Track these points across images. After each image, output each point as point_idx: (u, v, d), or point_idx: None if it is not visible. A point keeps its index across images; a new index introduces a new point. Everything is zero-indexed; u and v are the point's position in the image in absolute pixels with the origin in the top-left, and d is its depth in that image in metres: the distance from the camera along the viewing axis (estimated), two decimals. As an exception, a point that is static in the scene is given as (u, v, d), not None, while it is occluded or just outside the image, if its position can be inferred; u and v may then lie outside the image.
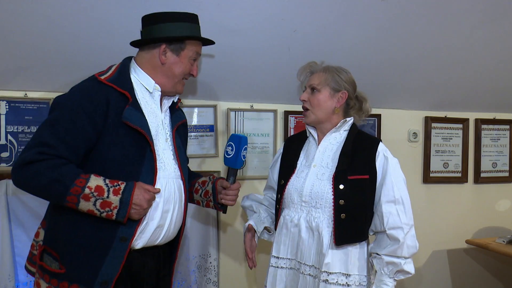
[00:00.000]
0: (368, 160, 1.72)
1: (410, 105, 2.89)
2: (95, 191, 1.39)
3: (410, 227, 1.69)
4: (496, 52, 2.49)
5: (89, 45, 2.00)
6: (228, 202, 1.75)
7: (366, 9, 2.08)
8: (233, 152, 1.71)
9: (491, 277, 3.18)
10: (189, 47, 1.64)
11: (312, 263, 1.71)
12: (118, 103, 1.50)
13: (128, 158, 1.50)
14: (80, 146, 1.44)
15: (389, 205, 1.68)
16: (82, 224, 1.47)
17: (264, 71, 2.35)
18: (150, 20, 1.64)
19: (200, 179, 1.86)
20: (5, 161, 2.15)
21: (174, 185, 1.62)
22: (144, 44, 1.65)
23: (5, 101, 2.15)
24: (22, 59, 2.02)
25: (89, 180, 1.40)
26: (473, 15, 2.21)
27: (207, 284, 2.51)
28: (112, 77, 1.55)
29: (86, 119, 1.44)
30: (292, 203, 1.78)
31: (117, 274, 1.47)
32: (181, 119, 1.78)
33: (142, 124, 1.52)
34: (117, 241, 1.46)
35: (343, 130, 1.81)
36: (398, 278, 1.69)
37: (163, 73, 1.63)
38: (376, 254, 1.71)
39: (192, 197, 1.86)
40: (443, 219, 3.02)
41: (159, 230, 1.58)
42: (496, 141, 3.14)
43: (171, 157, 1.65)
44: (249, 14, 2.01)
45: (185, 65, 1.65)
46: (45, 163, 1.38)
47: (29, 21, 1.85)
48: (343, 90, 1.78)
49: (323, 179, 1.72)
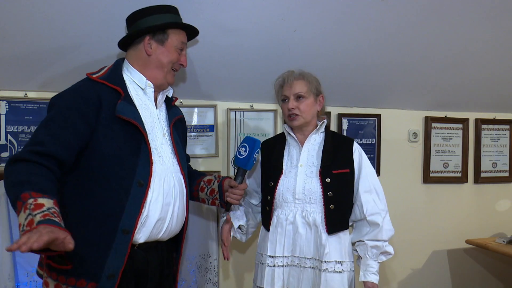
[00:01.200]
0: (347, 156, 1.92)
1: (410, 105, 2.89)
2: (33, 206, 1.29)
3: (385, 212, 1.90)
4: (496, 52, 2.49)
5: (89, 45, 2.00)
6: (233, 201, 1.79)
7: (366, 9, 2.08)
8: (246, 153, 1.77)
9: (491, 277, 3.18)
10: (172, 36, 1.69)
11: (311, 256, 1.84)
12: (110, 99, 1.54)
13: (124, 151, 1.52)
14: (71, 141, 1.46)
15: (366, 195, 1.89)
16: (85, 220, 1.49)
17: (264, 71, 2.35)
18: (132, 18, 1.70)
19: (206, 177, 1.89)
20: (5, 161, 2.14)
21: (173, 179, 1.64)
22: (130, 42, 1.70)
23: (5, 101, 2.15)
24: (22, 59, 2.02)
25: (37, 199, 1.29)
26: (473, 15, 2.20)
27: (207, 284, 2.51)
28: (104, 75, 1.61)
29: (78, 115, 1.47)
30: (285, 202, 1.88)
31: (123, 266, 1.49)
32: (177, 114, 1.81)
33: (135, 116, 1.56)
34: (120, 234, 1.48)
35: (320, 132, 1.97)
36: (381, 260, 1.87)
37: (152, 64, 1.67)
38: (359, 241, 1.88)
39: (198, 196, 1.88)
40: (443, 219, 3.02)
41: (161, 224, 1.59)
42: (496, 141, 3.14)
43: (169, 151, 1.68)
44: (249, 14, 2.01)
45: (172, 54, 1.69)
46: (26, 166, 1.35)
47: (29, 21, 1.85)
48: (321, 94, 1.97)
49: (312, 176, 1.87)
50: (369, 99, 2.76)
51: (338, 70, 2.44)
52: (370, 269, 1.84)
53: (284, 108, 1.93)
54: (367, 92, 2.70)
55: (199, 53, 2.17)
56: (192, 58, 2.20)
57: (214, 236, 2.52)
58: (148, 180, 1.53)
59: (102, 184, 1.50)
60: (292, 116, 1.90)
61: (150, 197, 1.54)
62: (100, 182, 1.50)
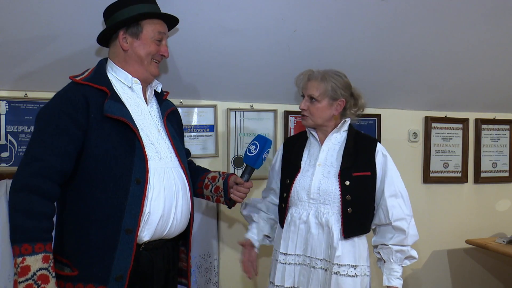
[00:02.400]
0: (369, 158, 1.85)
1: (410, 105, 2.89)
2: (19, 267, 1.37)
3: (411, 217, 1.86)
4: (496, 52, 2.49)
5: (89, 45, 2.00)
6: (237, 198, 1.76)
7: (366, 9, 2.08)
8: (256, 151, 1.74)
9: (491, 277, 3.18)
10: (147, 27, 1.61)
11: (323, 257, 1.81)
12: (97, 99, 1.51)
13: (117, 150, 1.49)
14: (69, 149, 1.44)
15: (392, 199, 1.83)
16: (87, 224, 1.47)
17: (264, 71, 2.35)
18: (107, 13, 1.65)
19: (210, 174, 1.86)
20: (5, 161, 2.15)
21: (173, 174, 1.61)
22: (108, 39, 1.66)
23: (5, 101, 2.15)
24: (22, 59, 2.02)
25: (25, 259, 1.36)
26: (473, 15, 2.21)
27: (207, 284, 2.51)
28: (88, 77, 1.57)
29: (68, 120, 1.45)
30: (299, 201, 1.85)
31: (130, 266, 1.47)
32: (169, 107, 1.76)
33: (123, 113, 1.52)
34: (123, 234, 1.46)
35: (342, 131, 1.91)
36: (405, 264, 1.84)
37: (131, 60, 1.62)
38: (383, 245, 1.84)
39: (202, 193, 1.85)
40: (443, 219, 3.02)
41: (165, 220, 1.56)
42: (496, 141, 3.14)
43: (166, 147, 1.65)
44: (249, 14, 2.01)
45: (149, 46, 1.62)
46: (25, 201, 1.38)
47: (29, 21, 1.85)
48: (341, 98, 1.87)
49: (329, 176, 1.83)
50: (369, 99, 2.73)
51: (338, 70, 2.43)
52: (395, 274, 1.81)
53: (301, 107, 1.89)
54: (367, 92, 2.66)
55: (199, 53, 2.17)
56: (192, 58, 2.20)
57: (215, 235, 2.52)
58: (145, 177, 1.50)
59: (100, 185, 1.47)
60: (302, 115, 1.89)
61: (151, 194, 1.52)
62: (97, 184, 1.47)
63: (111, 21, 1.62)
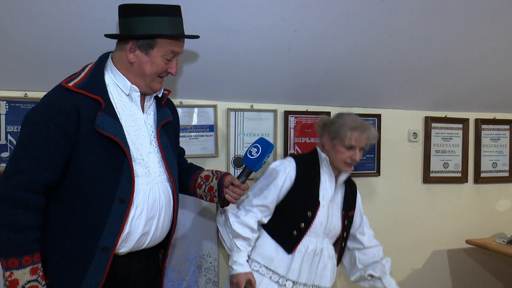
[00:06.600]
0: (354, 198, 2.21)
1: (410, 105, 2.89)
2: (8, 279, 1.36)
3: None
4: (496, 52, 2.49)
5: (90, 45, 2.00)
6: (232, 199, 1.74)
7: (366, 9, 2.08)
8: (258, 155, 1.72)
9: (491, 277, 3.18)
10: (160, 45, 1.49)
11: (330, 285, 2.09)
12: (89, 110, 1.43)
13: (105, 166, 1.43)
14: (56, 161, 1.40)
15: (368, 227, 2.24)
16: (66, 236, 1.45)
17: (264, 71, 2.35)
18: (122, 12, 1.52)
19: (203, 173, 1.82)
20: (5, 161, 2.14)
21: (159, 190, 1.56)
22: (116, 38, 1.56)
23: (5, 101, 2.15)
24: (22, 59, 2.02)
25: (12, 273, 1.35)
26: (473, 15, 2.21)
27: (207, 284, 2.51)
28: (82, 81, 1.46)
29: (57, 132, 1.39)
30: (315, 234, 2.02)
31: (102, 283, 1.45)
32: (165, 118, 1.65)
33: (116, 131, 1.44)
34: (99, 252, 1.43)
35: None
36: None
37: (135, 72, 1.52)
38: (373, 262, 2.16)
39: (195, 192, 1.82)
40: (443, 219, 3.02)
41: (145, 237, 1.55)
42: (496, 141, 3.14)
43: (156, 160, 1.58)
44: (249, 14, 2.01)
45: (157, 64, 1.51)
46: (9, 214, 1.35)
47: (29, 21, 1.85)
48: None
49: (337, 215, 2.09)
50: (369, 99, 2.76)
51: (338, 70, 2.44)
52: (393, 282, 2.16)
53: (345, 154, 1.99)
54: (367, 92, 2.70)
55: (199, 53, 2.17)
56: (192, 58, 2.20)
57: (214, 235, 2.52)
58: (130, 197, 1.45)
59: (83, 199, 1.43)
60: (350, 164, 2.03)
61: (133, 213, 1.48)
62: (81, 197, 1.43)
63: (124, 24, 1.50)
